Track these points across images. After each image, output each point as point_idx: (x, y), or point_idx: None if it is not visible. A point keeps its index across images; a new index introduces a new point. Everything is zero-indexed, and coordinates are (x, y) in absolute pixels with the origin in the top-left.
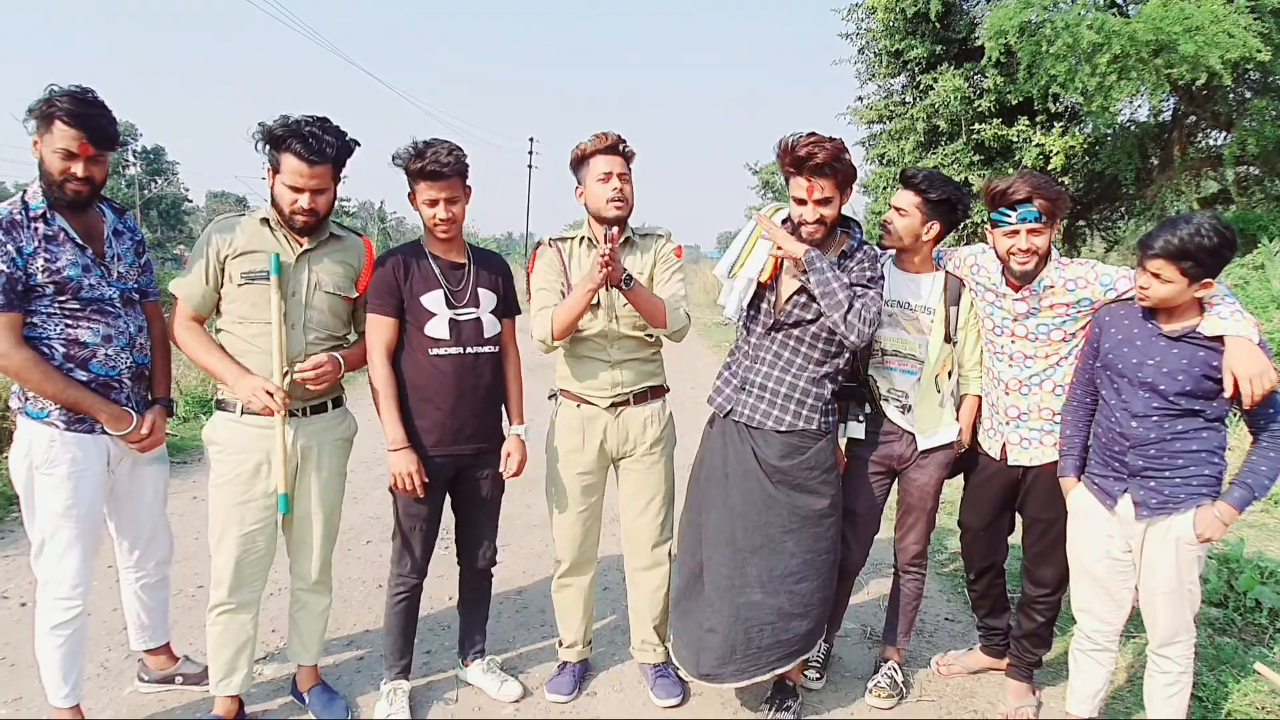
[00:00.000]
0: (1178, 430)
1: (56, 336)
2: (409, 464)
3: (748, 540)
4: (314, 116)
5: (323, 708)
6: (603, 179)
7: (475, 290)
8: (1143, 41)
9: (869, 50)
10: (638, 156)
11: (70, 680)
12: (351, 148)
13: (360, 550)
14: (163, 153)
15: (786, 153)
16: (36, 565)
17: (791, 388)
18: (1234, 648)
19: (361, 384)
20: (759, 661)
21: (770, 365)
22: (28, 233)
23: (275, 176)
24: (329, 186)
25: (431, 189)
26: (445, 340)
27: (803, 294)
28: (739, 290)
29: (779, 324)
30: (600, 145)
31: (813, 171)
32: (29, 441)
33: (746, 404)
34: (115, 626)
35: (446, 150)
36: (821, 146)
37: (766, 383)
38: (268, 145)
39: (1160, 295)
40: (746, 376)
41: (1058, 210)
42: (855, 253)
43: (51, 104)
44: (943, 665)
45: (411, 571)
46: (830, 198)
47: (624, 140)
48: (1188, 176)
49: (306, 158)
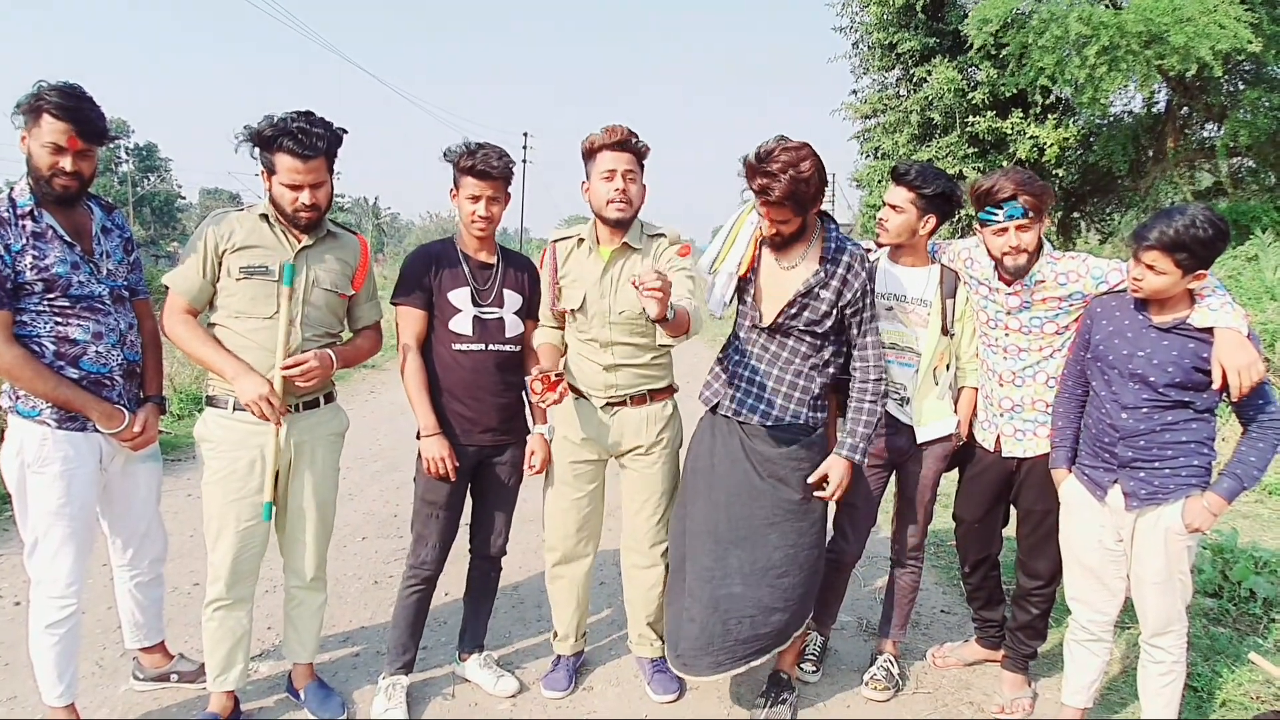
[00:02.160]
0: (1167, 422)
1: (47, 334)
2: (441, 449)
3: (731, 532)
4: (298, 112)
5: (318, 705)
6: (606, 177)
7: (501, 290)
8: (1132, 33)
9: (863, 44)
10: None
11: (65, 679)
12: (340, 137)
13: (355, 547)
14: (155, 149)
15: (749, 172)
16: (30, 564)
17: (779, 380)
18: (1229, 638)
19: (355, 380)
20: (735, 654)
21: (758, 360)
22: (15, 230)
23: (271, 178)
24: (326, 179)
25: (477, 186)
26: (468, 336)
27: (793, 306)
28: (720, 286)
29: (773, 329)
30: (608, 140)
31: (768, 204)
32: (20, 440)
33: (734, 397)
34: (110, 625)
35: (498, 154)
36: (778, 185)
37: (754, 376)
38: (257, 148)
39: (1154, 287)
40: (735, 370)
41: (1044, 205)
42: (840, 256)
43: (40, 98)
44: (938, 657)
45: (427, 562)
46: (786, 219)
47: (635, 135)
48: (1181, 168)
49: (300, 154)
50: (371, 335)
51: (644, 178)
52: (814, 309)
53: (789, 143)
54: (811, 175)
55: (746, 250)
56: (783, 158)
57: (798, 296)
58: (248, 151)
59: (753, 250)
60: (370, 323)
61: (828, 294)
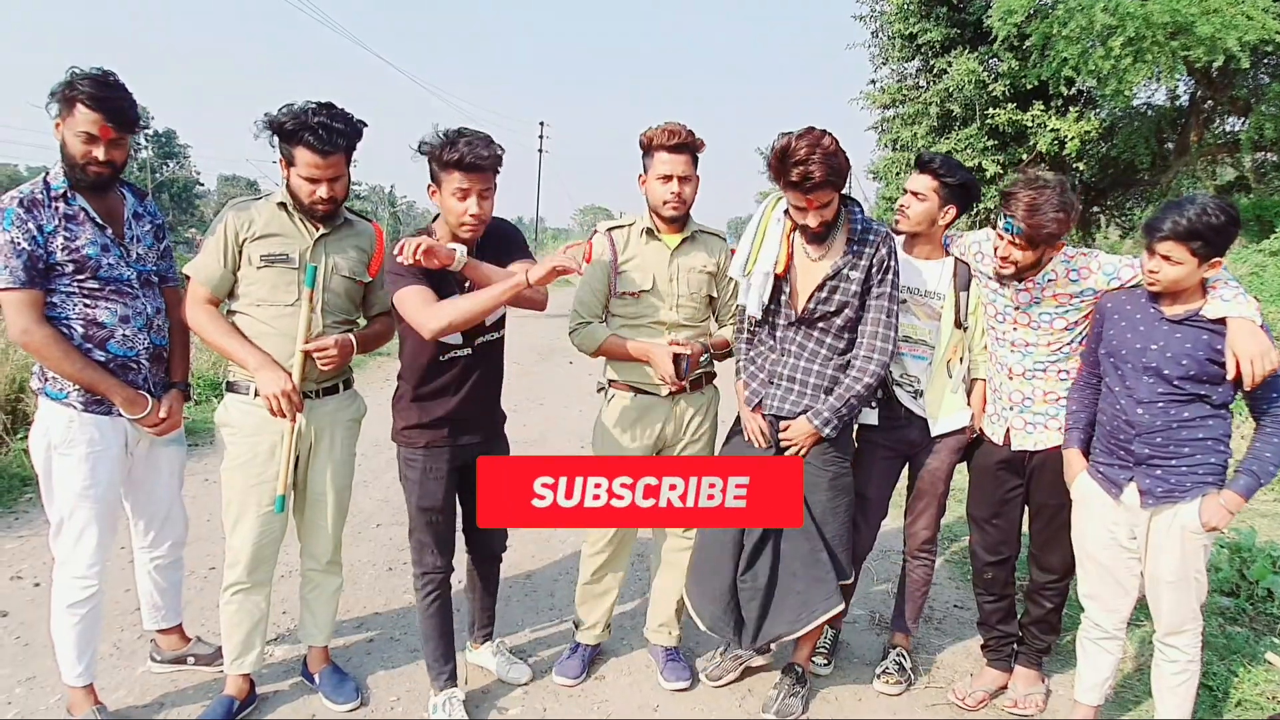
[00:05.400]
0: (1183, 418)
1: (75, 316)
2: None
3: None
4: (319, 104)
5: (333, 689)
6: (663, 179)
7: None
8: (1158, 24)
9: (883, 34)
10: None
11: (84, 659)
12: (360, 130)
13: (370, 533)
14: (174, 136)
15: (778, 171)
16: (54, 544)
17: (820, 376)
18: (1245, 637)
19: (370, 367)
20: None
21: (796, 357)
22: (48, 211)
23: (289, 169)
24: (344, 172)
25: (465, 180)
26: (457, 344)
27: (823, 289)
28: (758, 288)
29: (803, 319)
30: (666, 142)
31: (810, 190)
32: (48, 422)
33: (776, 395)
34: (128, 607)
35: (484, 142)
36: (814, 166)
37: (795, 374)
38: (277, 138)
39: (1171, 277)
40: (774, 370)
41: (1040, 239)
42: (867, 236)
43: (73, 87)
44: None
45: (437, 567)
46: (830, 201)
47: (693, 136)
48: (1204, 162)
49: (320, 149)
50: (387, 321)
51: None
52: (844, 290)
53: (799, 131)
54: (837, 148)
55: (780, 248)
56: (805, 142)
57: (826, 280)
58: (266, 139)
59: (786, 248)
60: (385, 308)
61: (857, 274)
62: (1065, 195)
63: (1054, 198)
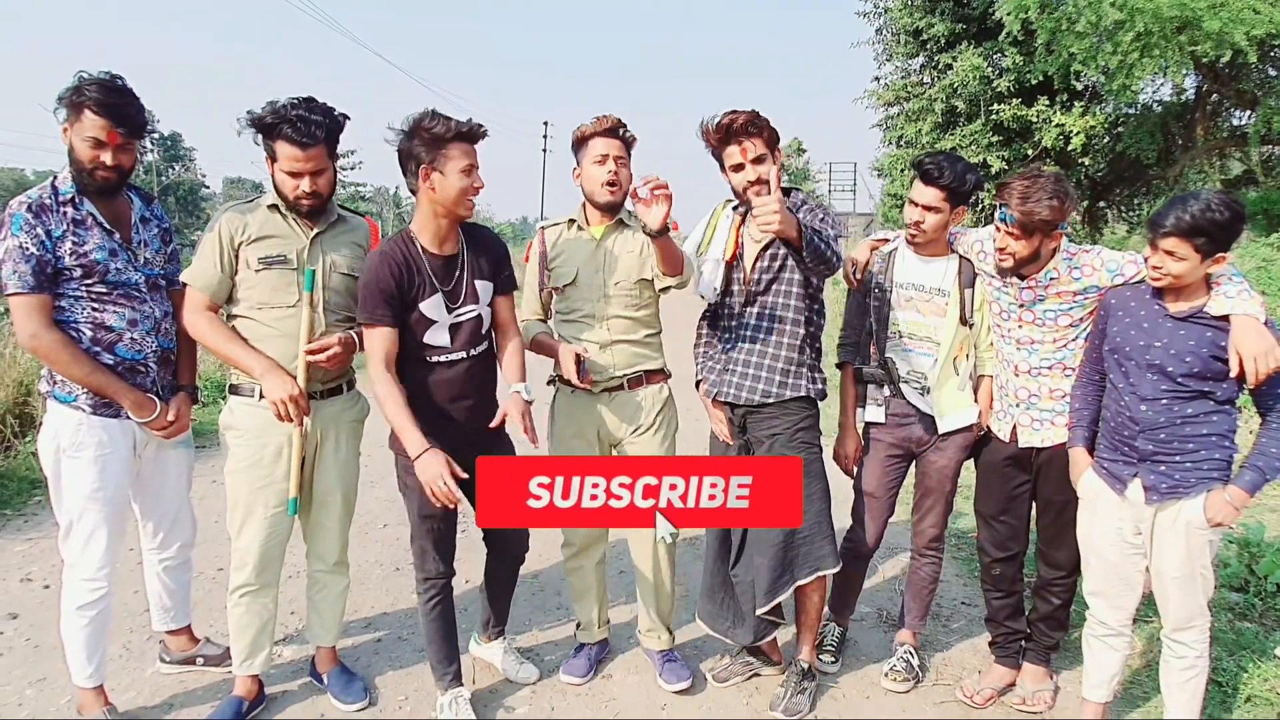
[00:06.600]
0: (1187, 414)
1: (84, 320)
2: (439, 466)
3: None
4: (299, 98)
5: (342, 689)
6: (599, 161)
7: (472, 284)
8: (1166, 18)
9: (887, 29)
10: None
11: (94, 661)
12: (341, 123)
13: (377, 534)
14: (180, 139)
15: (709, 132)
16: (64, 547)
17: (774, 358)
18: (1254, 633)
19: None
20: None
21: (750, 340)
22: (56, 216)
23: (273, 165)
24: (327, 166)
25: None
26: (446, 348)
27: (763, 257)
28: (709, 272)
29: (752, 295)
30: (599, 128)
31: (739, 134)
32: (56, 425)
33: (731, 383)
34: (137, 609)
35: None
36: (739, 111)
37: (750, 358)
38: (259, 134)
39: (1175, 273)
40: (729, 356)
41: (1034, 226)
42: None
43: (81, 92)
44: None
45: (439, 573)
46: (763, 155)
47: (624, 124)
48: (1211, 157)
49: (299, 142)
50: None
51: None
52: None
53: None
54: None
55: (729, 238)
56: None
57: (765, 248)
58: (255, 142)
59: (735, 238)
60: None
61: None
62: (1060, 184)
63: (1047, 185)
